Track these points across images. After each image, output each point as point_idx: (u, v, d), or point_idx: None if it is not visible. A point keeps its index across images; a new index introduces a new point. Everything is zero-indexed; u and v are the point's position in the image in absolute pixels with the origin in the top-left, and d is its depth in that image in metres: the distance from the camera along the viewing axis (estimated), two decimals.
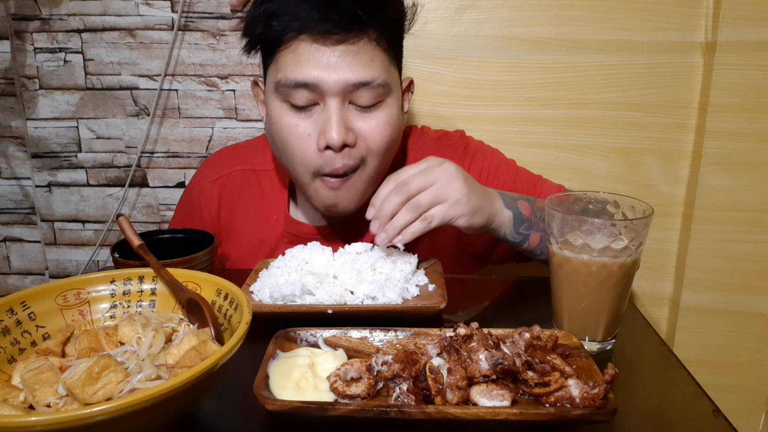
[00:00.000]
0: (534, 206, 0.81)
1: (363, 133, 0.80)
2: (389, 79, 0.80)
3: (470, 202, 0.72)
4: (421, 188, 0.70)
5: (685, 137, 1.19)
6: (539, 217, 0.80)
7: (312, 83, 0.76)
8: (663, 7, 1.13)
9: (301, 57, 0.76)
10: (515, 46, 1.16)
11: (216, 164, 1.00)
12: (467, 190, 0.72)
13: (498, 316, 0.74)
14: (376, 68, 0.77)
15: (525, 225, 0.79)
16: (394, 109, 0.82)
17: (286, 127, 0.79)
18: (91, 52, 1.24)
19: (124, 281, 0.61)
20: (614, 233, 0.59)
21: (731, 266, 1.19)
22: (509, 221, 0.78)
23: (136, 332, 0.54)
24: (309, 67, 0.75)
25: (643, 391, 0.57)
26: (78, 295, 0.60)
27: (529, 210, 0.80)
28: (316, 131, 0.78)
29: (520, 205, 0.79)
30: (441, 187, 0.70)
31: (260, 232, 0.95)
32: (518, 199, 0.80)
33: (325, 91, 0.76)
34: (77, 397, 0.44)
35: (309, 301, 0.68)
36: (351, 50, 0.76)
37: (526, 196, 0.82)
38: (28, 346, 0.55)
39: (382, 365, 0.51)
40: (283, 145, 0.81)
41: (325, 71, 0.75)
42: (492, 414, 0.46)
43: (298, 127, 0.79)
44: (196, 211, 0.98)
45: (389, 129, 0.81)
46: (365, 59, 0.76)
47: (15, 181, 1.33)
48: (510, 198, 0.79)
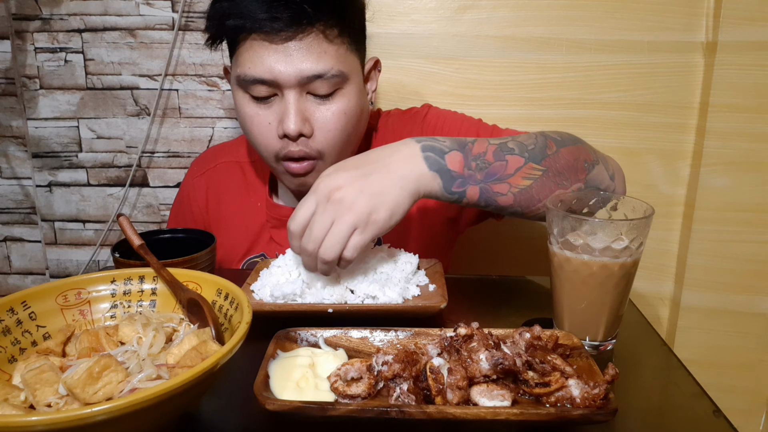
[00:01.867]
0: (469, 153, 0.71)
1: (320, 123, 0.83)
2: (345, 69, 0.82)
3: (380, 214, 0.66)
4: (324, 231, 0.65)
5: (686, 137, 1.19)
6: (476, 167, 0.71)
7: (269, 79, 0.79)
8: (663, 7, 1.13)
9: (256, 54, 0.79)
10: (516, 46, 1.16)
11: (203, 160, 1.06)
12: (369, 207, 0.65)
13: (498, 316, 0.74)
14: (328, 59, 0.80)
15: (457, 182, 0.71)
16: (352, 97, 0.84)
17: (248, 116, 0.84)
18: (92, 52, 1.24)
19: (124, 281, 0.61)
20: (615, 233, 0.59)
21: (732, 266, 1.19)
22: (437, 182, 0.70)
23: (137, 332, 0.54)
24: (264, 65, 0.79)
25: (643, 392, 0.57)
26: (78, 295, 0.60)
27: (461, 162, 0.71)
28: (276, 120, 0.82)
29: (448, 159, 0.70)
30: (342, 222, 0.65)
31: (245, 219, 0.98)
32: (449, 150, 0.71)
33: (282, 84, 0.80)
34: (78, 396, 0.44)
35: (309, 301, 0.68)
36: (302, 45, 0.79)
37: (464, 140, 0.73)
38: (28, 345, 0.55)
39: (383, 365, 0.51)
40: (247, 132, 0.87)
41: (279, 67, 0.79)
42: (492, 414, 0.46)
43: (259, 116, 0.83)
44: (186, 206, 1.03)
45: (345, 118, 0.83)
46: (316, 52, 0.79)
47: (15, 181, 1.33)
48: (438, 152, 0.70)
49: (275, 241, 0.96)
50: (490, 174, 0.71)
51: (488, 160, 0.71)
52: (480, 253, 1.27)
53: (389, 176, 0.67)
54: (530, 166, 0.72)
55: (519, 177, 0.71)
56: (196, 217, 1.02)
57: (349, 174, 0.67)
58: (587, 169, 0.76)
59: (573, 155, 0.76)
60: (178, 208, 1.06)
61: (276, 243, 0.96)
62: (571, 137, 0.80)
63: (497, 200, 0.72)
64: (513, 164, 0.71)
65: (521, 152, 0.72)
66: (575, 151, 0.77)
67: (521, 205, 0.72)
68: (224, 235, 0.98)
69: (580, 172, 0.74)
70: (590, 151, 0.80)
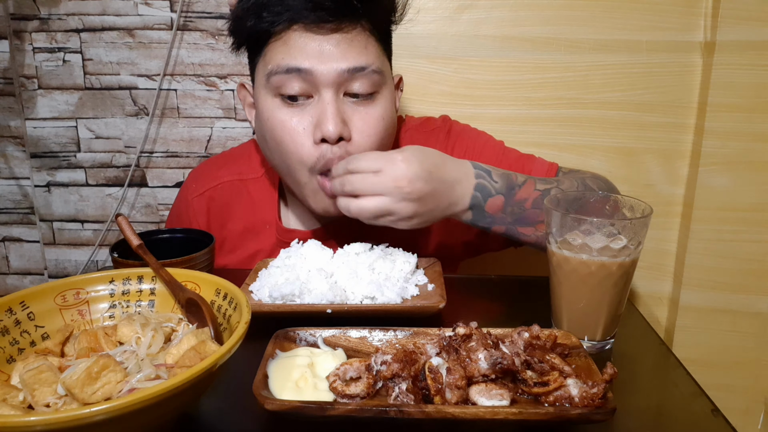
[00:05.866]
0: (512, 199, 0.75)
1: (358, 127, 0.78)
2: (383, 68, 0.79)
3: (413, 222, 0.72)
4: (367, 193, 0.70)
5: (684, 137, 1.19)
6: (510, 212, 0.75)
7: (305, 69, 0.74)
8: (662, 6, 1.13)
9: (294, 46, 0.74)
10: (514, 46, 1.16)
11: (202, 176, 0.97)
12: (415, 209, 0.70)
13: (497, 316, 0.74)
14: (370, 55, 0.77)
15: (486, 221, 0.75)
16: (389, 102, 0.81)
17: (279, 122, 0.77)
18: (90, 52, 1.24)
19: (123, 281, 0.61)
20: (613, 233, 0.59)
21: (730, 266, 1.19)
22: (468, 218, 0.76)
23: (135, 332, 0.54)
24: (302, 55, 0.74)
25: (642, 391, 0.57)
26: (77, 295, 0.60)
27: (500, 207, 0.75)
28: (311, 124, 0.76)
29: (490, 202, 0.74)
30: (387, 203, 0.69)
31: (253, 243, 0.93)
32: (496, 192, 0.74)
33: (319, 80, 0.75)
34: (76, 396, 0.44)
35: (308, 301, 0.68)
36: (345, 38, 0.75)
37: (513, 182, 0.76)
38: (27, 345, 0.55)
39: (382, 365, 0.51)
40: (276, 143, 0.79)
41: (318, 59, 0.74)
42: (491, 413, 0.46)
43: (291, 122, 0.77)
44: (186, 224, 0.96)
45: (383, 124, 0.80)
46: (359, 46, 0.76)
47: (14, 181, 1.33)
48: (486, 191, 0.74)
49: None
50: (520, 219, 0.76)
51: (525, 207, 0.75)
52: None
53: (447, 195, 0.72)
54: None
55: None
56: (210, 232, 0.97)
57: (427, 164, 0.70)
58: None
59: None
60: (177, 222, 0.98)
61: None
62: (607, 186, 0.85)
63: (519, 238, 0.78)
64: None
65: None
66: None
67: (541, 246, 0.75)
68: (230, 258, 0.93)
69: None
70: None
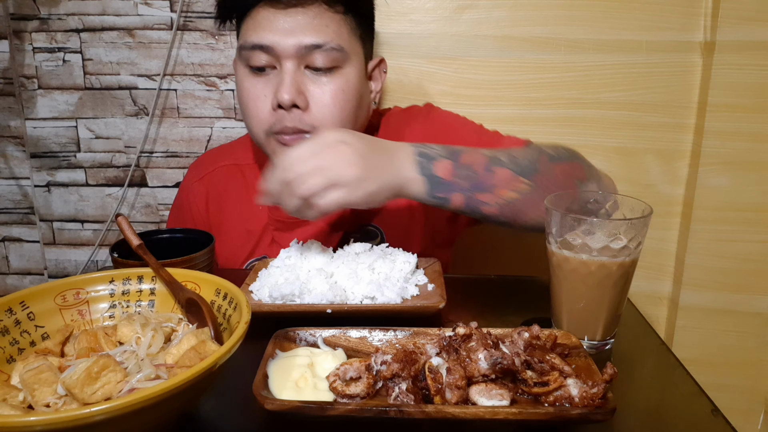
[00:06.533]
0: (458, 161, 0.72)
1: (316, 97, 0.82)
2: (346, 46, 0.83)
3: (365, 187, 0.66)
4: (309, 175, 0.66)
5: (684, 137, 1.19)
6: (464, 176, 0.72)
7: (268, 45, 0.80)
8: (662, 6, 1.13)
9: (260, 23, 0.81)
10: (514, 46, 1.16)
11: (202, 164, 1.04)
12: (361, 173, 0.66)
13: (497, 316, 0.74)
14: (330, 32, 0.81)
15: (442, 188, 0.72)
16: (351, 78, 0.84)
17: (245, 90, 0.84)
18: (90, 52, 1.24)
19: (123, 281, 0.61)
20: (613, 233, 0.59)
21: (730, 266, 1.19)
22: (422, 186, 0.71)
23: (135, 332, 0.54)
24: (266, 32, 0.81)
25: (642, 391, 0.57)
26: (77, 295, 0.60)
27: (449, 170, 0.71)
28: (271, 92, 0.82)
29: (437, 165, 0.71)
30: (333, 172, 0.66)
31: (247, 223, 0.97)
32: (440, 157, 0.72)
33: (280, 53, 0.81)
34: (76, 396, 0.44)
35: (308, 301, 0.68)
36: (306, 14, 0.81)
37: (456, 148, 0.74)
38: (27, 345, 0.55)
39: (382, 365, 0.51)
40: (242, 107, 0.87)
41: (280, 35, 0.80)
42: (491, 413, 0.46)
43: (255, 88, 0.83)
44: (186, 211, 1.01)
45: (343, 96, 0.84)
46: (319, 24, 0.81)
47: (14, 181, 1.33)
48: (429, 157, 0.72)
49: (277, 242, 0.96)
50: (476, 183, 0.72)
51: (476, 171, 0.72)
52: (479, 252, 1.27)
53: (389, 162, 0.69)
54: (519, 180, 0.73)
55: (506, 189, 0.72)
56: (197, 221, 1.01)
57: (357, 137, 0.69)
58: (577, 186, 0.78)
59: (565, 173, 0.78)
60: (178, 212, 1.05)
61: (278, 245, 0.95)
62: (568, 153, 0.81)
63: (482, 209, 0.73)
64: (500, 176, 0.73)
65: (511, 166, 0.73)
66: (568, 168, 0.79)
67: (506, 217, 0.74)
68: (226, 239, 0.97)
69: (569, 189, 0.76)
70: (585, 169, 0.81)
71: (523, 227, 0.77)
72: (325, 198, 0.66)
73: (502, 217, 0.74)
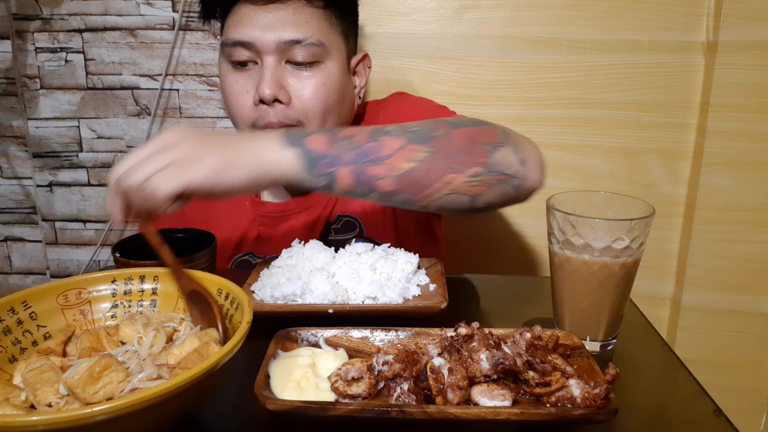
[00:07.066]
0: (335, 135, 0.65)
1: (297, 92, 0.83)
2: (326, 41, 0.84)
3: (208, 158, 0.58)
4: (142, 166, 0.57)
5: (687, 137, 1.19)
6: (346, 147, 0.64)
7: (248, 41, 0.82)
8: (664, 6, 1.13)
9: (241, 19, 0.83)
10: (516, 46, 1.16)
11: None
12: (199, 146, 0.59)
13: (499, 316, 0.74)
14: (310, 28, 0.82)
15: (322, 162, 0.62)
16: (333, 72, 0.85)
17: (228, 85, 0.85)
18: (92, 52, 1.24)
19: (125, 281, 0.61)
20: (615, 233, 0.59)
21: (732, 266, 1.19)
22: (295, 162, 0.62)
23: (137, 332, 0.54)
24: (246, 28, 0.82)
25: (644, 391, 0.57)
26: (79, 295, 0.60)
27: (326, 142, 0.63)
28: (253, 87, 0.83)
29: (310, 139, 0.63)
30: (159, 153, 0.58)
31: (232, 218, 0.97)
32: (313, 133, 0.65)
33: (261, 49, 0.82)
34: (78, 396, 0.44)
35: (310, 301, 0.68)
36: (285, 12, 0.82)
37: (335, 129, 0.66)
38: (29, 345, 0.55)
39: (383, 365, 0.51)
40: (226, 103, 0.88)
41: (260, 31, 0.81)
42: (493, 414, 0.46)
43: (237, 84, 0.84)
44: None
45: (324, 90, 0.84)
46: (299, 19, 0.82)
47: (16, 181, 1.33)
48: (299, 133, 0.64)
49: (263, 238, 0.95)
50: (362, 154, 0.64)
51: (358, 141, 0.64)
52: (480, 252, 1.27)
53: (248, 146, 0.62)
54: (412, 148, 0.64)
55: (399, 159, 0.64)
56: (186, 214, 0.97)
57: (197, 134, 0.61)
58: (487, 151, 0.67)
59: (469, 137, 0.67)
60: None
61: (264, 240, 0.95)
62: (473, 120, 0.71)
63: (376, 185, 0.64)
64: (390, 145, 0.64)
65: (400, 134, 0.65)
66: (473, 132, 0.68)
67: (407, 191, 0.65)
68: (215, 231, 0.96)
69: (477, 155, 0.66)
70: (497, 133, 0.70)
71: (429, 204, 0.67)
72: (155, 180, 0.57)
73: (402, 191, 0.65)
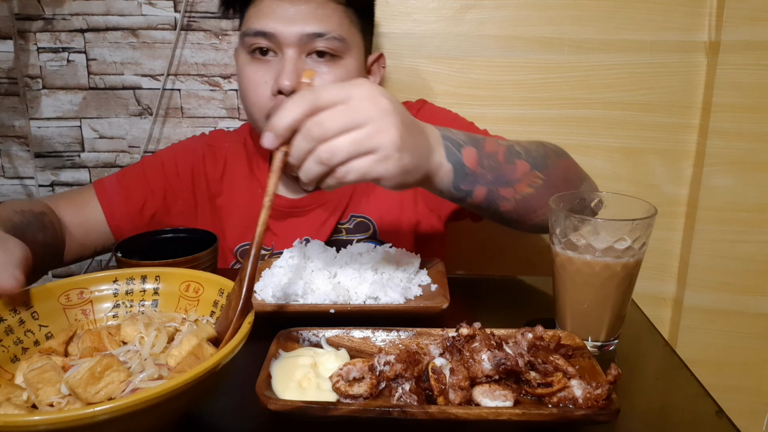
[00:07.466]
0: (482, 150, 0.67)
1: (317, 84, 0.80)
2: (347, 37, 0.84)
3: (402, 159, 0.56)
4: (342, 130, 0.54)
5: (689, 137, 1.18)
6: (487, 166, 0.67)
7: (270, 33, 0.81)
8: (666, 6, 1.12)
9: (263, 10, 0.83)
10: (518, 46, 1.16)
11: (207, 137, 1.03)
12: (401, 141, 0.56)
13: (500, 317, 0.74)
14: (332, 22, 0.82)
15: (468, 179, 0.66)
16: (351, 69, 0.86)
17: (246, 75, 0.85)
18: (94, 52, 1.24)
19: (126, 281, 0.61)
20: (618, 233, 0.59)
21: (734, 266, 1.19)
22: (449, 176, 0.65)
23: (139, 332, 0.54)
24: (269, 19, 0.82)
25: (646, 392, 0.57)
26: (81, 295, 0.60)
27: (475, 158, 0.66)
28: (272, 78, 0.83)
29: (464, 153, 0.65)
30: (369, 134, 0.54)
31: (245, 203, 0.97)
32: (465, 143, 0.66)
33: (282, 41, 0.82)
34: (80, 396, 0.44)
35: (311, 301, 0.68)
36: (310, 5, 0.82)
37: (477, 136, 0.69)
38: (31, 345, 0.55)
39: (385, 365, 0.51)
40: (243, 93, 0.87)
41: (282, 23, 0.81)
42: (494, 414, 0.46)
43: (256, 74, 0.84)
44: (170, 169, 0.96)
45: None
46: (322, 13, 0.82)
47: (18, 181, 1.34)
48: (455, 144, 0.65)
49: (271, 230, 0.95)
50: (499, 176, 0.68)
51: (499, 161, 0.69)
52: (482, 253, 1.27)
53: (424, 139, 0.62)
54: (534, 174, 0.71)
55: (524, 184, 0.70)
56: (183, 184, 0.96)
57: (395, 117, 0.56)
58: (578, 184, 0.77)
59: (568, 169, 0.77)
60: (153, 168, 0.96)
61: (272, 232, 0.95)
62: (560, 150, 0.80)
63: (500, 205, 0.70)
64: (521, 169, 0.70)
65: (527, 158, 0.71)
66: (569, 165, 0.79)
67: (519, 213, 0.72)
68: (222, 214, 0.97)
69: (572, 187, 0.75)
70: (578, 166, 0.81)
71: (528, 227, 0.75)
72: (352, 167, 0.55)
73: (515, 213, 0.70)
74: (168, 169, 0.97)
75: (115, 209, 0.93)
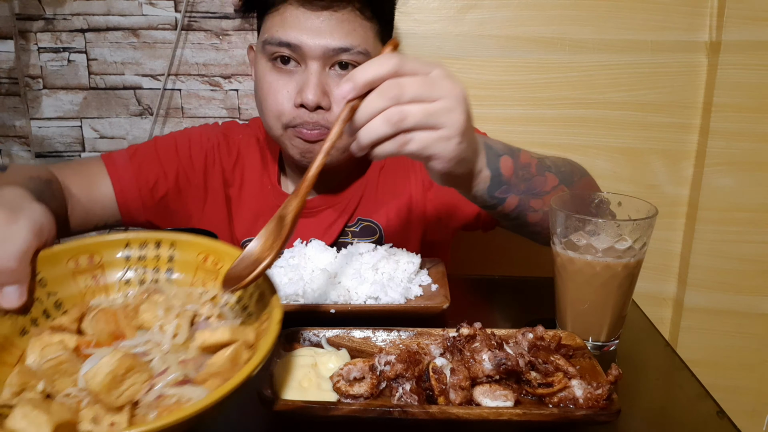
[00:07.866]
0: (518, 160, 0.70)
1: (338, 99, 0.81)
2: (372, 50, 0.83)
3: (461, 145, 0.57)
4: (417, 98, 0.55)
5: (689, 137, 1.18)
6: (521, 177, 0.70)
7: (295, 44, 0.79)
8: (667, 6, 1.12)
9: (287, 20, 0.80)
10: (519, 46, 1.16)
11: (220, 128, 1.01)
12: (466, 128, 0.57)
13: (501, 317, 0.74)
14: (357, 36, 0.81)
15: (503, 188, 0.68)
16: None
17: (267, 83, 0.84)
18: (95, 52, 1.24)
19: (140, 246, 0.57)
20: (618, 234, 0.59)
21: (735, 267, 1.19)
22: (486, 182, 0.67)
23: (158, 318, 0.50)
24: (293, 30, 0.79)
25: (646, 392, 0.57)
26: (91, 259, 0.56)
27: (511, 168, 0.68)
28: (294, 89, 0.82)
29: (502, 162, 0.67)
30: (441, 110, 0.56)
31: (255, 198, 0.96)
32: (502, 153, 0.68)
33: (307, 53, 0.80)
34: (102, 401, 0.42)
35: (312, 301, 0.68)
36: (335, 17, 0.79)
37: (512, 147, 0.71)
38: (39, 315, 0.51)
39: (385, 365, 0.51)
40: (261, 100, 0.86)
41: (307, 35, 0.79)
42: (495, 414, 0.46)
43: (277, 83, 0.83)
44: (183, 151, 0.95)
45: None
46: (348, 27, 0.80)
47: None
48: (494, 152, 0.67)
49: None
50: (531, 187, 0.71)
51: (532, 172, 0.71)
52: (482, 253, 1.27)
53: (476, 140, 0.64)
54: (562, 188, 0.73)
55: (551, 197, 0.71)
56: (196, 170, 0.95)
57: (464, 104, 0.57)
58: None
59: (590, 186, 0.80)
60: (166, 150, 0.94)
61: None
62: (582, 167, 0.83)
63: (528, 216, 0.72)
64: (551, 182, 0.72)
65: (556, 172, 0.73)
66: (590, 182, 0.81)
67: (543, 226, 0.73)
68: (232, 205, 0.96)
69: None
70: (596, 185, 0.83)
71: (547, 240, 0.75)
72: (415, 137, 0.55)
73: (539, 226, 0.73)
74: (181, 152, 0.95)
75: (126, 185, 0.90)
